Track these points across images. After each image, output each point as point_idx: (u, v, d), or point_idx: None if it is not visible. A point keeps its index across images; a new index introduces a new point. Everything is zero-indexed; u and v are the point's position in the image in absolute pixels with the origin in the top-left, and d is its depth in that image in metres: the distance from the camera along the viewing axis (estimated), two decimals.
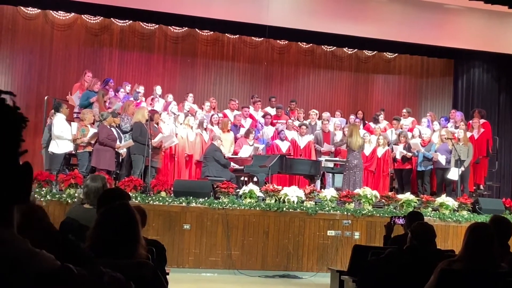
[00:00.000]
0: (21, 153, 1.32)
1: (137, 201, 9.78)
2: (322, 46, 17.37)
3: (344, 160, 12.78)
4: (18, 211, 1.32)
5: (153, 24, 16.01)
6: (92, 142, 11.21)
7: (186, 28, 16.19)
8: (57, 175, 10.54)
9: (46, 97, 12.94)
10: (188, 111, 13.34)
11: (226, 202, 10.50)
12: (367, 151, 13.33)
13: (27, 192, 1.32)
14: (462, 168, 12.71)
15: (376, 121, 14.83)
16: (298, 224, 10.72)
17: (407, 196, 11.57)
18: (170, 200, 10.36)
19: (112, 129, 11.38)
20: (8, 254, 1.21)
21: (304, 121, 14.23)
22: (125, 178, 10.83)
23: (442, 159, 12.87)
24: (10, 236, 1.24)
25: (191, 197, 10.41)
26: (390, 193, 11.87)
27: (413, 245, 4.72)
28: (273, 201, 10.78)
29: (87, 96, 12.44)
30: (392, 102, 17.83)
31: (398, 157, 13.31)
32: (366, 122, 15.15)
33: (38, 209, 1.46)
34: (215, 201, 10.54)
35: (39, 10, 15.22)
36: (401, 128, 14.29)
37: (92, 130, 11.35)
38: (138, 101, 13.18)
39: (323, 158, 13.27)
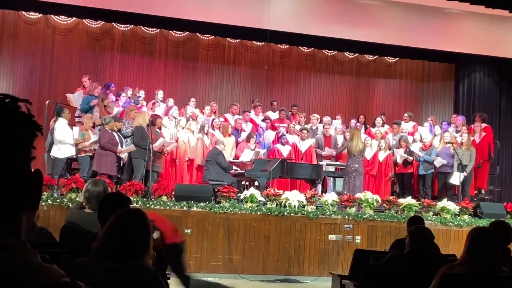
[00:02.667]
0: (31, 160, 1.32)
1: (138, 206, 9.78)
2: (323, 50, 17.38)
3: (345, 164, 12.78)
4: None
5: (154, 29, 16.05)
6: (93, 147, 11.23)
7: (187, 32, 16.21)
8: (58, 180, 10.54)
9: (47, 102, 12.95)
10: (190, 115, 13.34)
11: (227, 207, 10.50)
12: (368, 155, 13.33)
13: (37, 200, 1.32)
14: (465, 173, 12.70)
15: (374, 125, 14.84)
16: (299, 228, 10.72)
17: (408, 200, 11.57)
18: (171, 204, 10.36)
19: (114, 133, 11.38)
20: (12, 262, 1.20)
21: (305, 126, 14.23)
22: (126, 183, 10.83)
23: (438, 162, 12.88)
24: (16, 245, 1.24)
25: (192, 202, 10.41)
26: (391, 198, 11.86)
27: (412, 249, 4.72)
28: (274, 205, 10.77)
29: (88, 100, 12.47)
30: (393, 106, 17.83)
31: (399, 161, 13.29)
32: (368, 126, 15.14)
33: None
34: (216, 205, 10.54)
35: (41, 15, 15.24)
36: (401, 132, 14.28)
37: (93, 135, 11.36)
38: (139, 105, 13.19)
39: (324, 162, 13.27)
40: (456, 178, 12.68)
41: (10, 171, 1.25)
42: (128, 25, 15.81)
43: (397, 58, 17.79)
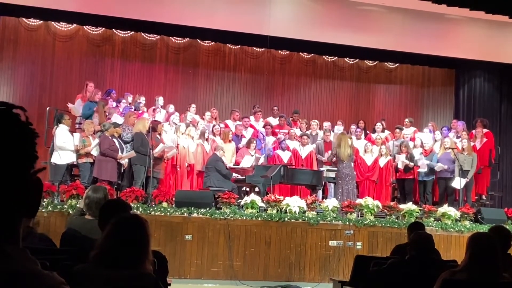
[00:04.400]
0: (38, 171, 1.32)
1: (138, 212, 9.77)
2: (324, 56, 17.39)
3: (336, 170, 12.79)
4: None
5: (155, 35, 16.07)
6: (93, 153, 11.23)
7: (188, 38, 16.22)
8: (59, 186, 10.53)
9: (48, 108, 12.95)
10: (190, 121, 13.35)
11: (228, 213, 10.49)
12: (369, 161, 13.33)
13: (35, 208, 1.32)
14: (466, 179, 12.70)
15: (374, 131, 14.85)
16: (300, 234, 10.70)
17: (409, 206, 11.55)
18: (171, 211, 10.35)
19: (114, 139, 11.38)
20: (10, 269, 1.19)
21: (306, 131, 14.23)
22: (126, 189, 10.82)
23: (438, 167, 12.89)
24: (16, 253, 1.23)
25: (192, 208, 10.40)
26: (392, 203, 11.85)
27: (413, 255, 4.71)
28: (274, 211, 10.76)
29: (89, 106, 12.50)
30: (393, 112, 17.83)
31: (400, 166, 13.28)
32: (368, 132, 15.13)
33: None
34: (217, 211, 10.53)
35: (41, 21, 15.27)
36: (403, 138, 14.27)
37: (93, 141, 11.36)
38: (140, 111, 13.20)
39: (324, 168, 13.25)
40: (457, 182, 12.67)
41: (11, 179, 1.25)
42: (128, 31, 15.83)
43: (398, 64, 17.81)
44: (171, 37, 16.22)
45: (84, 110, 12.56)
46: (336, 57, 17.42)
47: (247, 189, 12.58)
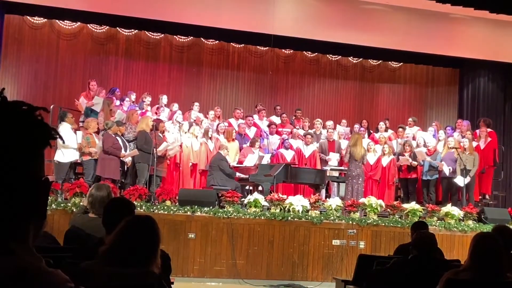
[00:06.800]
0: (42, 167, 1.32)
1: (142, 210, 9.78)
2: (327, 55, 17.39)
3: (347, 169, 12.77)
4: None
5: (159, 33, 16.08)
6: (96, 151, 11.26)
7: (192, 37, 16.24)
8: (63, 184, 10.55)
9: (51, 106, 12.97)
10: (194, 120, 13.35)
11: (231, 211, 10.48)
12: (372, 160, 13.31)
13: (44, 209, 1.31)
14: (468, 178, 12.68)
15: (378, 130, 14.85)
16: (303, 233, 10.70)
17: (412, 205, 11.54)
18: (175, 209, 10.35)
19: (117, 138, 11.40)
20: (15, 266, 1.19)
21: (309, 130, 14.23)
22: (130, 187, 10.84)
23: (446, 169, 12.86)
24: (22, 250, 1.23)
25: (196, 206, 10.40)
26: (395, 203, 11.83)
27: (415, 255, 4.70)
28: (278, 210, 10.75)
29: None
30: (397, 112, 17.82)
31: (403, 163, 13.26)
32: (371, 131, 15.12)
33: None
34: (220, 210, 10.53)
35: (45, 20, 15.29)
36: (406, 137, 14.25)
37: (97, 139, 11.39)
38: (144, 110, 13.22)
39: (328, 167, 13.25)
40: (460, 180, 12.65)
41: (21, 177, 1.25)
42: (132, 30, 15.85)
43: (401, 63, 17.80)
44: (175, 36, 16.23)
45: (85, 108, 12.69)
46: (340, 56, 17.42)
47: (251, 188, 12.59)
